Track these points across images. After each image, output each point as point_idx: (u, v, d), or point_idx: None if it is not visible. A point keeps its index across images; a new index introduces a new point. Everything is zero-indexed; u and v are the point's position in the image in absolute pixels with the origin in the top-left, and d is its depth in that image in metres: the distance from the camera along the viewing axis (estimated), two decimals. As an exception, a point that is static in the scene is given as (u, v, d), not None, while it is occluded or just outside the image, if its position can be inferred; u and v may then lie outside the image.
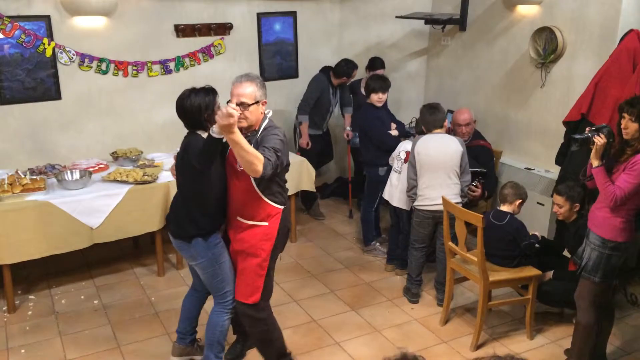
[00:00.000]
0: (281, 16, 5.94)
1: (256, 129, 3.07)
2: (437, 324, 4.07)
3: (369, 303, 4.36)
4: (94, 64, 5.01)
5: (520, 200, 3.94)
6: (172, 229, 3.28)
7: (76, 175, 4.47)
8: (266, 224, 3.11)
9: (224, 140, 2.81)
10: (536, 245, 3.86)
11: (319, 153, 5.91)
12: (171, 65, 5.36)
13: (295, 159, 4.80)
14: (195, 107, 3.03)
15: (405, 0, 6.02)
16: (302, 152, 5.64)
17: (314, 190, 5.53)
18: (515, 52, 5.18)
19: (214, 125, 2.75)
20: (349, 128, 5.86)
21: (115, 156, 4.92)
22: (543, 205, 4.75)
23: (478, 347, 3.78)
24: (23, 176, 4.30)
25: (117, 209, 4.32)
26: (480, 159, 4.78)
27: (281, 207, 3.15)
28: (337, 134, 6.41)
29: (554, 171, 4.63)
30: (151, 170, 4.65)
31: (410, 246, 4.41)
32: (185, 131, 3.15)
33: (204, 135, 2.99)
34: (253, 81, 3.02)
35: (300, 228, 5.69)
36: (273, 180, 3.06)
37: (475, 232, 3.68)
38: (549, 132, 4.91)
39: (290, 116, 6.05)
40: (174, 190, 4.40)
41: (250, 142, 2.99)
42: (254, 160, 2.74)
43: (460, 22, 5.59)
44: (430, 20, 5.76)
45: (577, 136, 3.23)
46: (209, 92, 3.08)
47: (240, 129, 3.03)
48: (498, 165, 5.23)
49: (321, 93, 5.69)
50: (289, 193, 4.13)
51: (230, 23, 5.59)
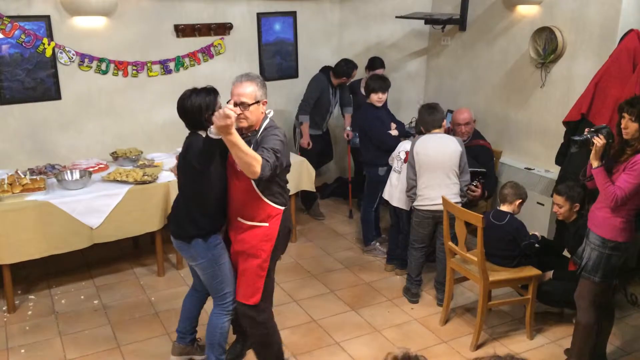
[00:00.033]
0: (281, 16, 5.94)
1: (256, 128, 3.06)
2: (437, 324, 4.07)
3: (369, 303, 4.36)
4: (94, 64, 5.01)
5: (520, 200, 3.94)
6: (173, 229, 3.28)
7: (76, 175, 4.47)
8: (266, 224, 3.10)
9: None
10: (536, 245, 3.86)
11: (318, 153, 5.91)
12: (171, 65, 5.36)
13: (295, 159, 4.80)
14: (196, 107, 3.02)
15: (405, 0, 6.02)
16: (302, 152, 5.65)
17: (314, 190, 5.53)
18: (515, 52, 5.18)
19: (212, 126, 2.74)
20: (349, 128, 5.85)
21: (115, 156, 4.92)
22: (543, 205, 4.75)
23: (478, 347, 3.78)
24: (23, 176, 4.30)
25: (117, 209, 4.32)
26: (480, 158, 4.79)
27: (282, 208, 3.13)
28: (337, 134, 6.41)
29: (554, 171, 4.64)
30: (151, 170, 4.65)
31: (410, 246, 4.41)
32: (186, 131, 3.15)
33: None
34: (253, 81, 3.00)
35: (300, 228, 5.69)
36: (273, 181, 3.04)
37: (475, 232, 3.68)
38: (548, 132, 4.91)
39: (290, 116, 6.05)
40: (173, 190, 4.43)
41: (250, 142, 2.98)
42: (252, 161, 2.72)
43: (460, 22, 5.59)
44: (430, 20, 5.76)
45: (577, 138, 3.22)
46: (210, 93, 3.07)
47: (241, 129, 3.04)
48: (498, 165, 5.23)
49: (321, 93, 5.68)
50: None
51: (230, 23, 5.58)
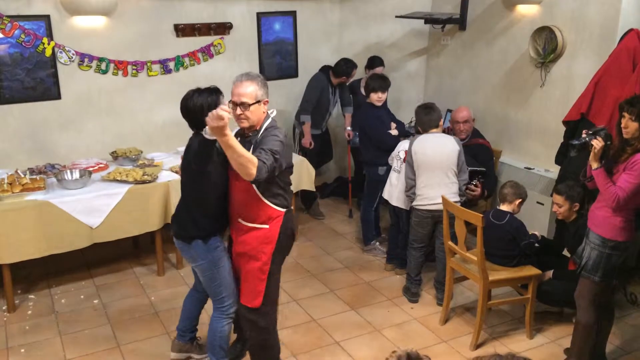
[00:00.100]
0: (281, 16, 5.94)
1: (257, 128, 3.02)
2: (437, 324, 4.07)
3: (369, 302, 4.36)
4: (94, 63, 5.01)
5: (520, 200, 3.94)
6: (174, 229, 3.28)
7: (76, 174, 4.47)
8: (267, 226, 3.04)
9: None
10: (536, 244, 3.87)
11: (318, 152, 5.90)
12: (171, 64, 5.36)
13: (295, 159, 4.77)
14: (198, 107, 2.99)
15: (405, 0, 6.03)
16: (302, 152, 5.64)
17: (314, 189, 5.53)
18: (515, 52, 5.18)
19: (207, 127, 2.68)
20: (349, 128, 5.85)
21: (115, 156, 4.91)
22: (543, 204, 4.75)
23: (478, 347, 3.78)
24: (23, 176, 4.30)
25: (117, 209, 4.32)
26: (479, 157, 4.79)
27: (283, 210, 3.06)
28: (337, 133, 6.41)
29: (554, 171, 4.64)
30: (151, 170, 4.65)
31: (409, 246, 4.40)
32: (187, 131, 3.14)
33: None
34: (254, 80, 2.96)
35: (300, 227, 5.68)
36: (273, 182, 2.98)
37: (475, 232, 3.68)
38: (548, 132, 4.91)
39: (290, 116, 6.04)
40: (173, 190, 4.45)
41: (250, 142, 2.97)
42: (247, 163, 2.66)
43: (460, 22, 5.60)
44: (430, 19, 5.76)
45: (575, 142, 3.20)
46: (213, 92, 3.03)
47: (242, 129, 3.04)
48: (498, 165, 5.23)
49: (321, 92, 5.68)
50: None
51: (230, 23, 5.58)
